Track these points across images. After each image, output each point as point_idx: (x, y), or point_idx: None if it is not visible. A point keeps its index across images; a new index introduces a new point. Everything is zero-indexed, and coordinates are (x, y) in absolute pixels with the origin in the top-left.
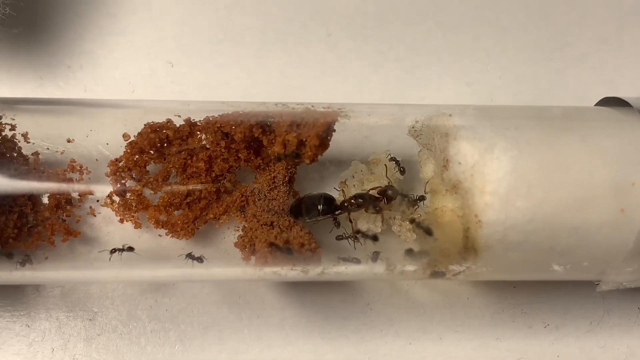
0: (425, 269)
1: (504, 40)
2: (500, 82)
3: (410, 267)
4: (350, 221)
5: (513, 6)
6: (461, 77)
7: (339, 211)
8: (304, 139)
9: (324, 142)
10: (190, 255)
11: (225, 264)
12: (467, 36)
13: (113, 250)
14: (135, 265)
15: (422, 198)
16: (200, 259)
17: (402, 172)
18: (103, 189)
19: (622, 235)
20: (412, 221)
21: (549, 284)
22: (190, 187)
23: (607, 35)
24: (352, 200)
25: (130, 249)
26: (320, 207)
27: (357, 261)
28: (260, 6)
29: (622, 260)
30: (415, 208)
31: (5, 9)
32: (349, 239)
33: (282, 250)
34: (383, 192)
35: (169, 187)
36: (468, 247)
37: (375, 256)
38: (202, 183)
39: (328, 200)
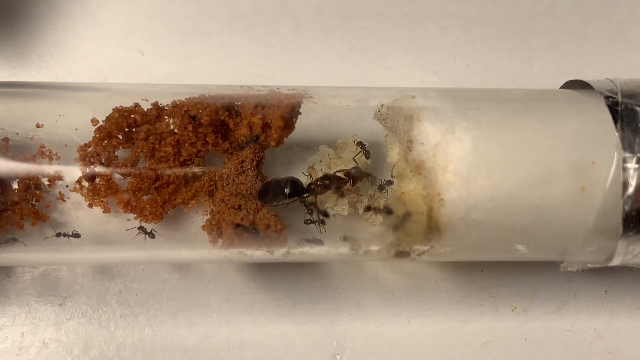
0: (389, 248)
1: (470, 31)
2: (467, 71)
3: (374, 247)
4: (316, 203)
5: None
6: (428, 67)
7: (307, 194)
8: (269, 121)
9: (288, 123)
10: (141, 229)
11: (193, 247)
12: (434, 27)
13: (58, 234)
14: (103, 248)
15: (389, 182)
16: (151, 234)
17: (367, 155)
18: (72, 174)
19: (583, 213)
20: (368, 209)
21: (516, 267)
22: (159, 171)
23: (572, 25)
24: (319, 182)
25: (77, 235)
26: (287, 190)
27: (320, 242)
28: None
29: (583, 238)
30: (384, 193)
31: None
32: (316, 223)
33: (248, 230)
34: (348, 173)
35: (138, 172)
36: (432, 227)
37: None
38: (170, 167)
39: (294, 183)
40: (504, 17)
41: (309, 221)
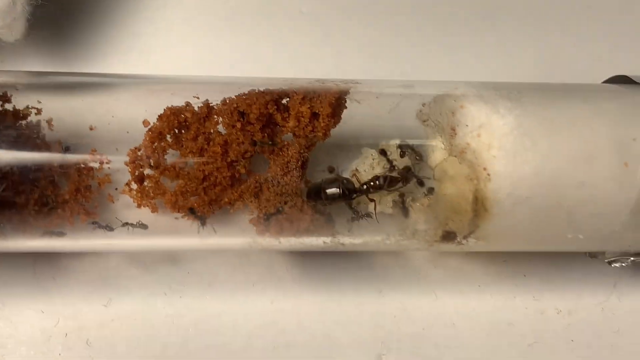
0: (437, 228)
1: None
2: None
3: (421, 226)
4: (372, 200)
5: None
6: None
7: (356, 195)
8: (317, 111)
9: (336, 112)
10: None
11: (242, 236)
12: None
13: (125, 224)
14: (151, 237)
15: (426, 187)
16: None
17: (402, 156)
18: (122, 177)
19: (626, 189)
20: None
21: (559, 271)
22: (207, 172)
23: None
24: (372, 183)
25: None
26: (339, 190)
27: (369, 216)
28: (280, 37)
29: (628, 215)
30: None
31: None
32: (364, 218)
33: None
34: (406, 172)
35: (186, 174)
36: (478, 208)
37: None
38: (218, 168)
39: (348, 183)
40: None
41: (355, 218)
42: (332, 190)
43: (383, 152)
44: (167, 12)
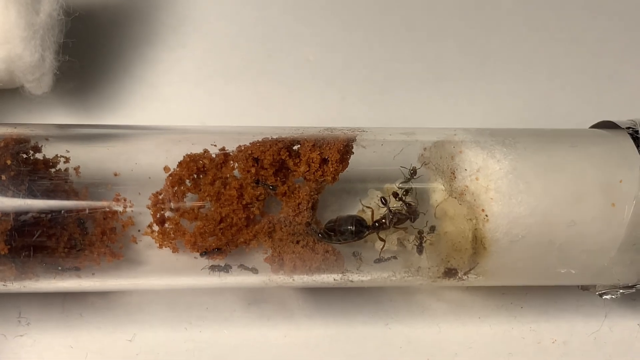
0: (439, 265)
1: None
2: None
3: (425, 264)
4: (382, 240)
5: None
6: None
7: (368, 232)
8: (327, 157)
9: (344, 157)
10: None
11: (255, 274)
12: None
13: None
14: (172, 276)
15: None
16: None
17: (406, 193)
18: (144, 219)
19: (615, 227)
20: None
21: (555, 303)
22: (223, 214)
23: None
24: (383, 220)
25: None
26: (353, 228)
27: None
28: (288, 85)
29: (616, 252)
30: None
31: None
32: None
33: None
34: (412, 211)
35: (204, 216)
36: (477, 246)
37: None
38: (234, 210)
39: (360, 222)
40: None
41: (379, 260)
42: (345, 228)
43: (383, 200)
44: (181, 65)
